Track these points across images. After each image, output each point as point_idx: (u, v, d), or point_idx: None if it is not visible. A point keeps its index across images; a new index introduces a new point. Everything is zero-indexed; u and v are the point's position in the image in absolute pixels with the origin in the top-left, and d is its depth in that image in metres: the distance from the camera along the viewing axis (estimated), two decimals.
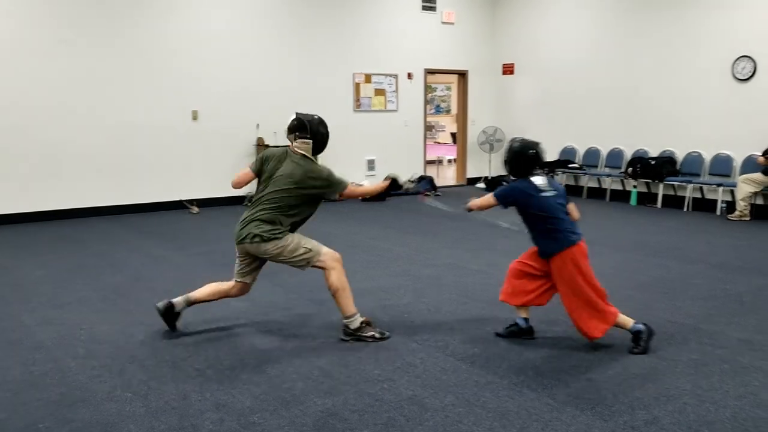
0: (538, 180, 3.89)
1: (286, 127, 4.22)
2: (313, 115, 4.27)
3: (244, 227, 4.02)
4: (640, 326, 3.89)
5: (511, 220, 4.25)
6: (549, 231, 3.87)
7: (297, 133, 4.16)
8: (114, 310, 4.76)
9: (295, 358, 3.79)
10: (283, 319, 4.53)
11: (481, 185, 12.24)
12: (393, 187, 4.37)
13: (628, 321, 3.90)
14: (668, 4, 9.70)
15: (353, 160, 11.00)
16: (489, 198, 3.94)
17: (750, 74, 8.84)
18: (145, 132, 9.26)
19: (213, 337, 4.18)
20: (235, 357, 3.82)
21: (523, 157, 3.89)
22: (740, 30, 8.91)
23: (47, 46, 8.52)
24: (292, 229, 4.09)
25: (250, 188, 4.55)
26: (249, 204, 4.20)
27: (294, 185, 4.01)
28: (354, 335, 4.07)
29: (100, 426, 2.98)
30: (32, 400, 3.25)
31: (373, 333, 4.08)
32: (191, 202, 9.57)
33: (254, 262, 4.15)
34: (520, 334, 4.09)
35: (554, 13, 11.48)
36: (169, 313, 4.21)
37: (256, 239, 3.95)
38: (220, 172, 9.52)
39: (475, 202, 4.01)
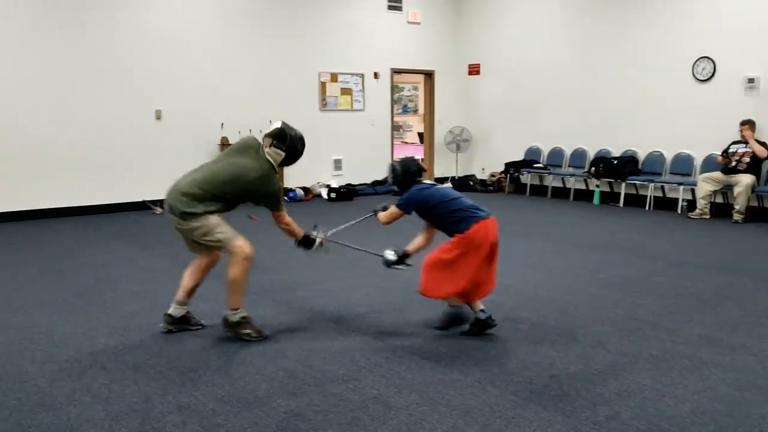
0: (424, 182, 4.26)
1: (268, 131, 4.20)
2: (296, 131, 4.30)
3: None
4: (480, 315, 4.10)
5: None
6: (455, 212, 4.02)
7: (274, 142, 4.16)
8: (76, 312, 4.66)
9: (259, 359, 3.76)
10: None
11: (448, 185, 12.29)
12: (304, 243, 4.37)
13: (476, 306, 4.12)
14: (631, 5, 9.88)
15: (320, 160, 10.96)
16: (393, 210, 4.20)
17: (710, 75, 9.05)
18: (108, 132, 9.10)
19: (175, 338, 4.12)
20: (198, 359, 3.78)
21: (408, 173, 4.23)
22: (701, 31, 9.11)
23: (18, 37, 8.31)
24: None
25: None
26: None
27: (243, 181, 3.99)
28: (232, 330, 4.09)
29: (60, 431, 2.92)
30: None
31: (249, 331, 4.09)
32: (155, 202, 9.43)
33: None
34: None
35: (517, 13, 11.60)
36: (182, 322, 4.21)
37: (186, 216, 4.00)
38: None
39: (382, 215, 4.27)
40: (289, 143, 4.18)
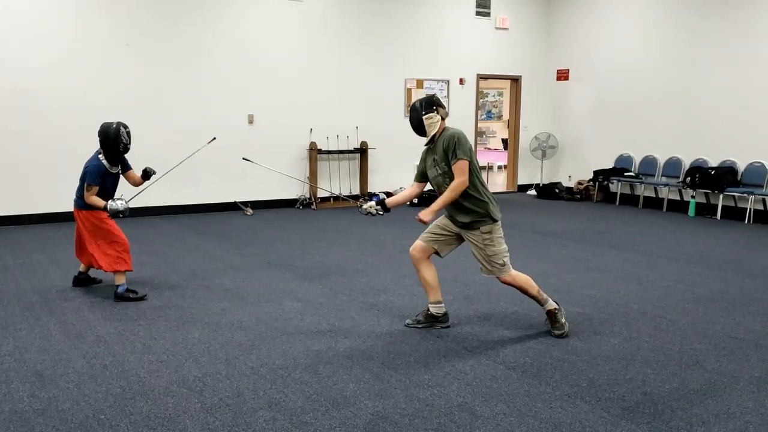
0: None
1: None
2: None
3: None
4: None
5: None
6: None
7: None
8: (170, 307, 4.87)
9: (346, 360, 3.81)
10: (335, 321, 4.56)
11: (533, 192, 12.09)
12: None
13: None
14: (729, 7, 9.41)
15: (402, 165, 11.02)
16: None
17: None
18: (202, 135, 9.43)
19: (266, 336, 4.24)
20: (288, 356, 3.87)
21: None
22: None
23: (109, 51, 8.81)
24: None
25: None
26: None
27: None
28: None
29: (158, 420, 3.06)
30: (93, 392, 3.36)
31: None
32: (245, 203, 9.75)
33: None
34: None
35: (610, 18, 11.27)
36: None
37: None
38: (273, 175, 9.67)
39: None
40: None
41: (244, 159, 5.82)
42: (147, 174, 5.28)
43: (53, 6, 8.46)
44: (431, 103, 4.17)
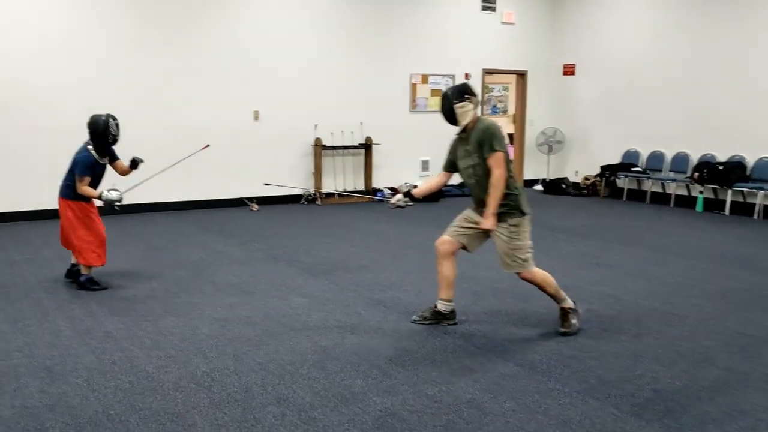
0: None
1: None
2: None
3: None
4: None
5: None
6: None
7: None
8: (178, 303, 4.87)
9: (353, 356, 3.80)
10: (341, 316, 4.56)
11: (539, 188, 12.05)
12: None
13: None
14: (738, 0, 9.34)
15: (408, 161, 11.01)
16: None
17: None
18: (208, 131, 9.44)
19: (273, 331, 4.23)
20: (295, 352, 3.87)
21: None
22: None
23: (117, 47, 8.81)
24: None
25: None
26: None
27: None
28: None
29: (168, 415, 3.06)
30: (102, 388, 3.36)
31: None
32: (251, 199, 9.75)
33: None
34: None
35: (617, 13, 11.20)
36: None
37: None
38: (279, 171, 9.67)
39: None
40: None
41: (265, 184, 6.56)
42: (135, 163, 5.45)
43: (61, 3, 8.46)
44: (463, 91, 4.10)
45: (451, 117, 4.12)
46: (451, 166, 4.32)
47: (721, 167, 9.33)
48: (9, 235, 7.47)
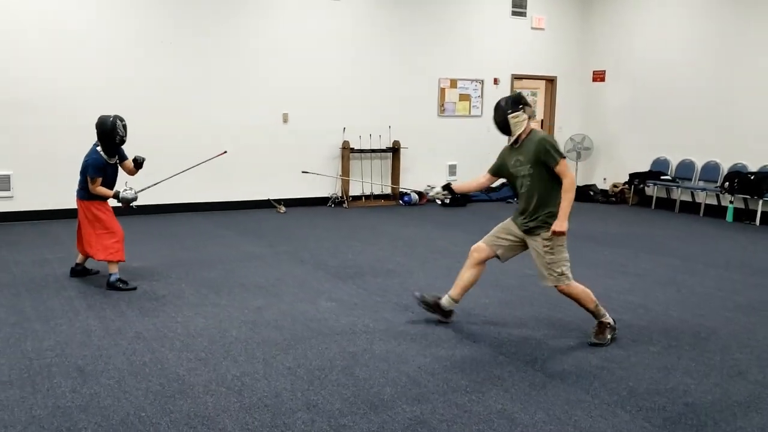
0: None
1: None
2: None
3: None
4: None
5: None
6: None
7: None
8: (207, 305, 4.92)
9: (382, 362, 3.80)
10: (369, 322, 4.56)
11: None
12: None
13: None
14: None
15: (435, 165, 10.99)
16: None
17: None
18: (237, 133, 9.53)
19: (302, 336, 4.25)
20: (324, 357, 3.88)
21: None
22: None
23: (145, 48, 8.93)
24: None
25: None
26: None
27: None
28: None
29: (198, 419, 3.09)
30: (133, 390, 3.40)
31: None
32: (279, 201, 9.81)
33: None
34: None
35: (647, 20, 11.07)
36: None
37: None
38: (306, 175, 9.70)
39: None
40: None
41: (303, 172, 7.10)
42: (137, 162, 5.61)
43: (90, 3, 8.60)
44: (517, 102, 4.12)
45: (504, 127, 4.13)
46: (497, 171, 4.38)
47: (752, 177, 9.18)
48: (41, 234, 7.60)
